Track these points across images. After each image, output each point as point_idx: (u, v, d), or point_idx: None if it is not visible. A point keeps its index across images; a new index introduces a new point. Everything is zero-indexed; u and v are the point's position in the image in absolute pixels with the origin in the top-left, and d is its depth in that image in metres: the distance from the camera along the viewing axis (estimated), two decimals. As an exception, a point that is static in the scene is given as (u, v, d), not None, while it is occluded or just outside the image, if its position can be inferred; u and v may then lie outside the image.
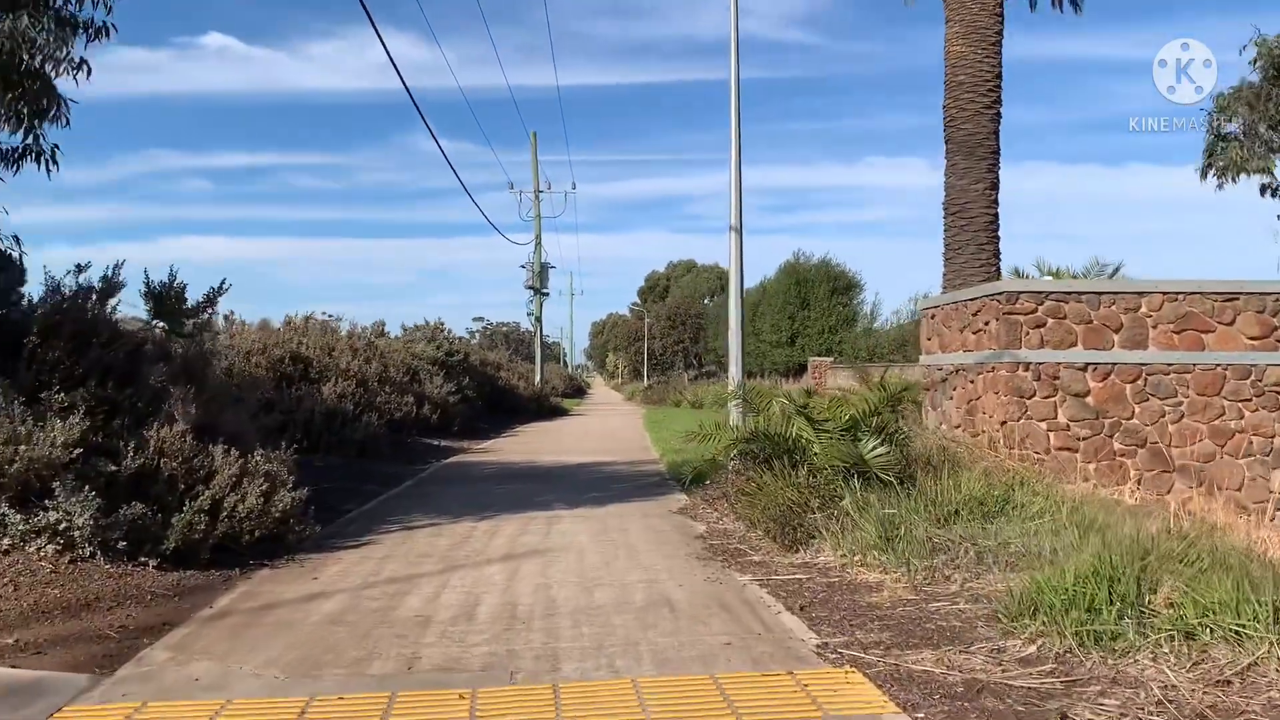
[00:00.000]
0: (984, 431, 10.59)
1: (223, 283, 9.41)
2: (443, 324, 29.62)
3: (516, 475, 14.56)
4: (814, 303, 43.99)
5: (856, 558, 7.00)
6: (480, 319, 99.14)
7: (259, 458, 8.42)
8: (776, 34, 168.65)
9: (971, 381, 10.99)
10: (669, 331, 68.59)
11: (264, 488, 8.07)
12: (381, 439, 16.44)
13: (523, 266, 49.80)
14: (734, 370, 12.31)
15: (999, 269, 15.22)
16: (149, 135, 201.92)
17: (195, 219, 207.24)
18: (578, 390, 72.79)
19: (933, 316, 12.52)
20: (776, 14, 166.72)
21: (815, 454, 8.37)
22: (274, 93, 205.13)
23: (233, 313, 17.08)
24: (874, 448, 7.95)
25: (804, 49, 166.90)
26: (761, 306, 47.39)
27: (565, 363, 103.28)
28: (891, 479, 7.74)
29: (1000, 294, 10.27)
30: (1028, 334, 10.18)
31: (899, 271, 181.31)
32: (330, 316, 22.79)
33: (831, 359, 42.77)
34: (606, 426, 28.48)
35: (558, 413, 38.62)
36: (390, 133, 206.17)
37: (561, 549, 8.28)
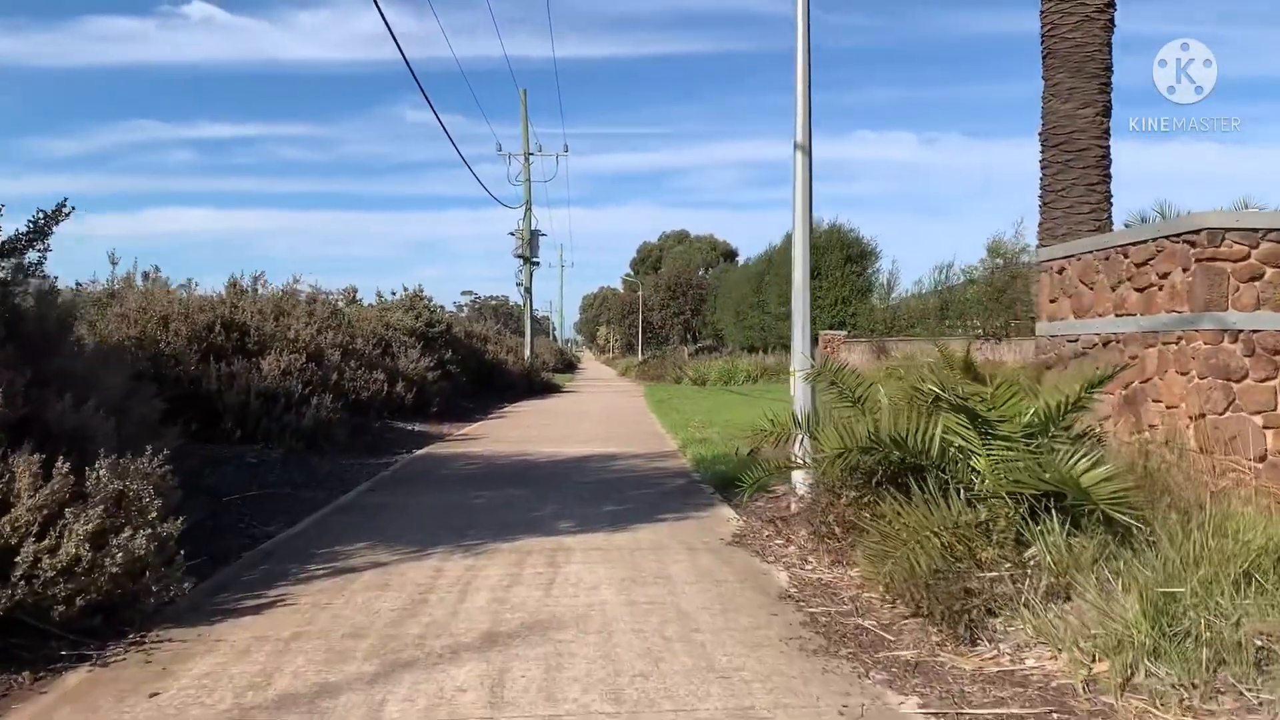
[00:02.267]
0: (1156, 427, 7.54)
1: (61, 205, 6.24)
2: (422, 291, 26.31)
3: (505, 474, 11.46)
4: (825, 272, 40.70)
5: (1102, 666, 3.94)
6: (470, 292, 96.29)
7: (103, 473, 5.31)
8: (762, 6, 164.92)
9: (1134, 357, 7.96)
10: (668, 302, 65.01)
11: (94, 525, 4.97)
12: (339, 425, 13.32)
13: (511, 234, 46.60)
14: (799, 339, 9.18)
15: (1111, 217, 12.15)
16: (133, 105, 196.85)
17: (179, 191, 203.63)
18: (568, 365, 69.76)
19: (1060, 270, 9.40)
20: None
21: (978, 471, 5.30)
22: (258, 63, 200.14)
23: (157, 269, 13.88)
24: (1091, 467, 4.88)
25: (792, 21, 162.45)
26: (768, 277, 44.17)
27: (554, 337, 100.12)
28: (1131, 519, 4.67)
29: (1194, 232, 7.21)
30: (1236, 290, 7.15)
31: (892, 245, 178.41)
32: (310, 286, 19.68)
33: (845, 332, 39.73)
34: (606, 406, 25.40)
35: (549, 389, 35.52)
36: (376, 104, 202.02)
37: (575, 623, 5.19)
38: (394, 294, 26.15)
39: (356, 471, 11.54)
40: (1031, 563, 4.92)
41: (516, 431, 17.30)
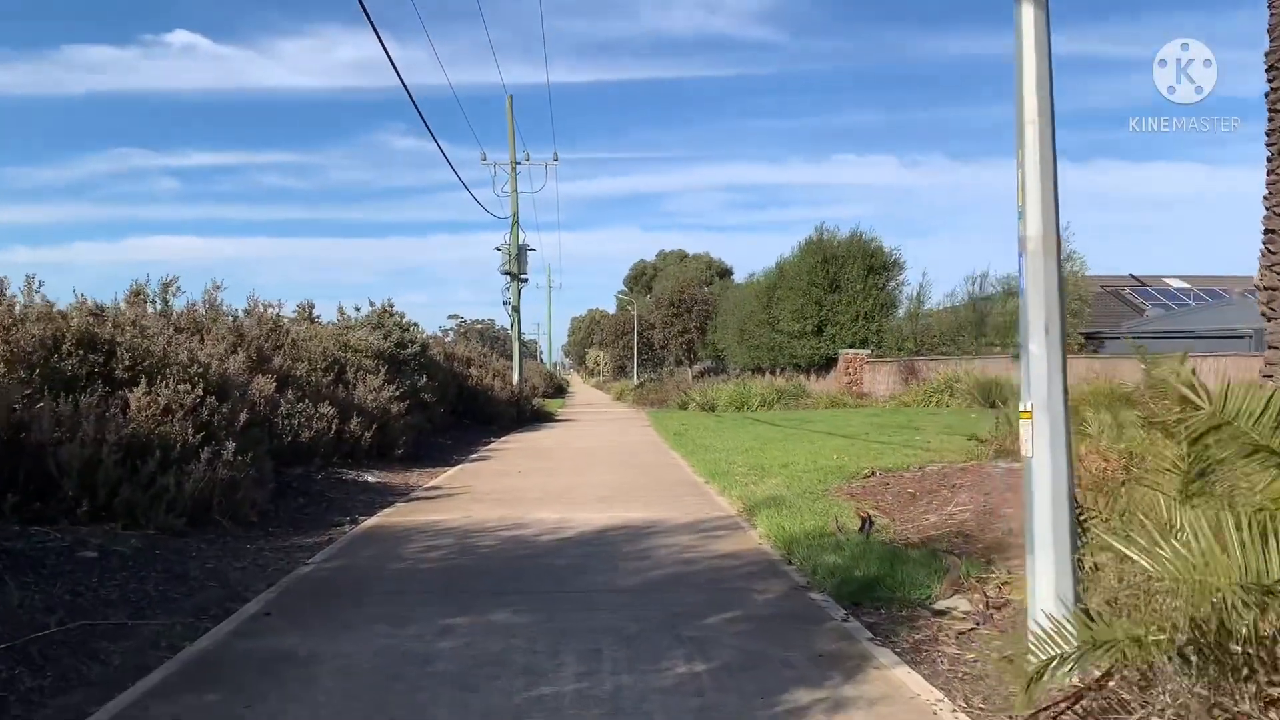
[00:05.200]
0: None
1: None
2: (393, 306, 22.27)
3: (488, 571, 7.38)
4: (845, 285, 36.82)
5: None
6: (456, 316, 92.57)
7: None
8: (741, 32, 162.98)
9: None
10: (671, 320, 60.60)
11: None
12: (250, 486, 9.22)
13: (498, 249, 42.50)
14: (1041, 344, 4.72)
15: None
16: (115, 134, 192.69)
17: (163, 219, 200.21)
18: (558, 389, 65.73)
19: None
20: (742, 10, 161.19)
21: None
22: (241, 91, 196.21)
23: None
24: None
25: (770, 47, 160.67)
26: (779, 291, 40.25)
27: (542, 360, 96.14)
28: None
29: None
30: None
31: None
32: (252, 300, 15.71)
33: (869, 351, 35.85)
34: (613, 441, 21.28)
35: (541, 418, 31.50)
36: (357, 131, 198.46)
37: None
38: (358, 310, 22.11)
39: (258, 567, 7.43)
40: None
41: (506, 481, 13.21)
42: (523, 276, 42.70)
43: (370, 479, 12.96)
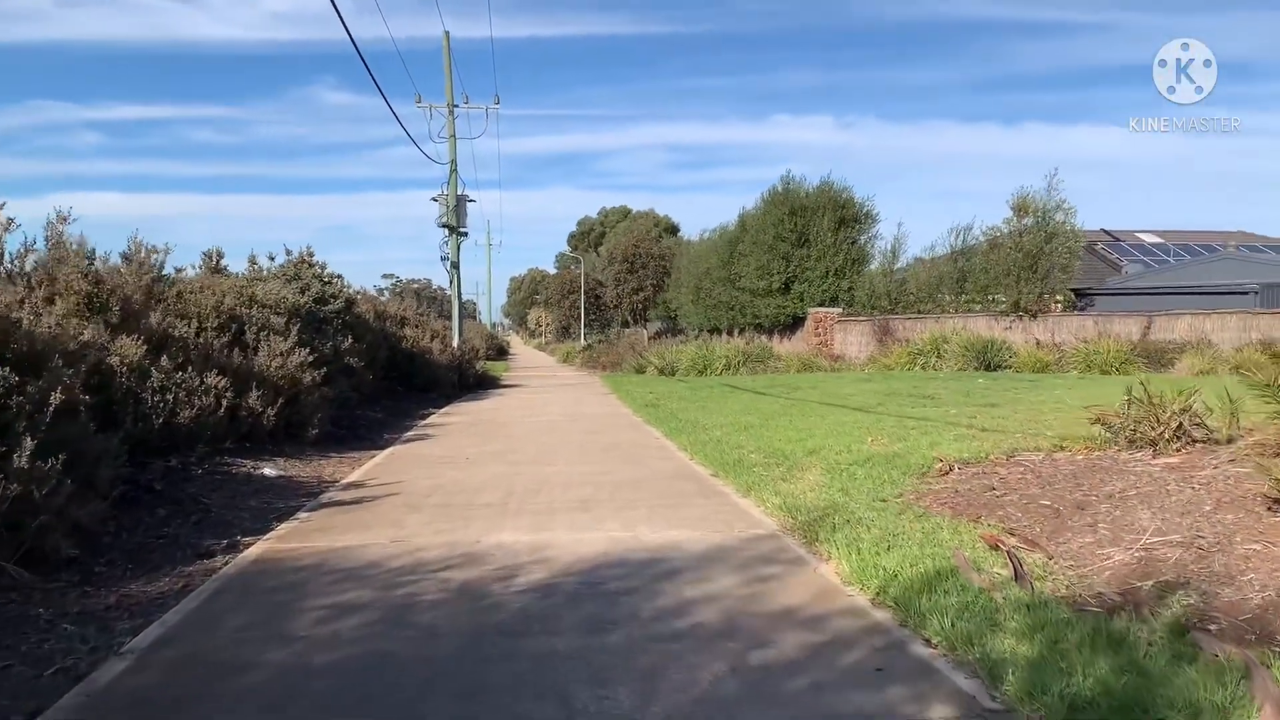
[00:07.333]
0: None
1: None
2: (312, 255, 18.90)
3: (425, 684, 4.42)
4: (815, 238, 34.01)
5: None
6: (391, 275, 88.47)
7: None
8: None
9: None
10: (626, 278, 57.08)
11: None
12: (64, 504, 6.10)
13: (434, 199, 38.95)
14: None
15: None
16: (33, 85, 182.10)
17: (86, 174, 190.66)
18: (500, 351, 62.56)
19: None
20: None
21: None
22: (166, 42, 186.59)
23: None
24: None
25: (710, 3, 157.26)
26: (741, 246, 37.39)
27: (481, 321, 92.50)
28: None
29: None
30: None
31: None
32: (134, 242, 12.25)
33: (840, 310, 33.25)
34: (575, 412, 18.26)
35: (485, 384, 28.35)
36: (288, 85, 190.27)
37: None
38: (273, 259, 18.68)
39: (32, 664, 4.36)
40: None
41: (451, 473, 10.20)
42: (462, 230, 39.33)
43: (269, 472, 9.86)
